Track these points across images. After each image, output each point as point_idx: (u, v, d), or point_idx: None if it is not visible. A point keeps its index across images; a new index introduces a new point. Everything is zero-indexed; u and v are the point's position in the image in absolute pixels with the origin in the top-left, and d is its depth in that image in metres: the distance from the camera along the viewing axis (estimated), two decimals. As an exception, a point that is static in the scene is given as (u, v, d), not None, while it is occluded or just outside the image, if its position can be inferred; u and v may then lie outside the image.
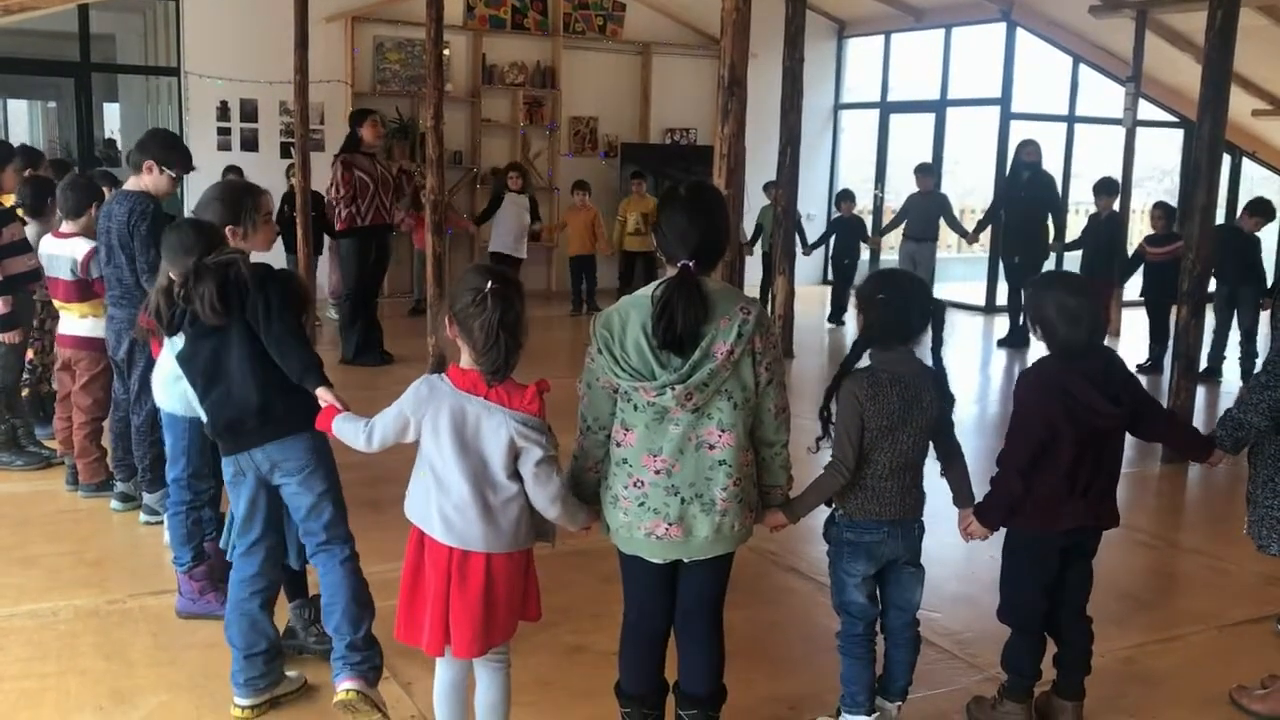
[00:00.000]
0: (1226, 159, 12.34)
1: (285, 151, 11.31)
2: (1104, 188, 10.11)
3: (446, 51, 11.51)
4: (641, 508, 2.78)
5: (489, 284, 2.64)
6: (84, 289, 5.14)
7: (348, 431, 2.91)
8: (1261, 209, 9.00)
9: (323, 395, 3.09)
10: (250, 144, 11.52)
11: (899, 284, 3.12)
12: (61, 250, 5.16)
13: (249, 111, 11.53)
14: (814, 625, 4.12)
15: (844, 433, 3.05)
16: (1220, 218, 7.99)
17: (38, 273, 5.50)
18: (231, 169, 10.00)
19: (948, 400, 3.12)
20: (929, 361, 3.14)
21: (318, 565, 3.33)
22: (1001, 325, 11.04)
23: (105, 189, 6.32)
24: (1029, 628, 3.38)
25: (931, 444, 3.17)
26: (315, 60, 10.19)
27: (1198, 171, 6.51)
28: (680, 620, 2.95)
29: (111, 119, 15.17)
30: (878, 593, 3.22)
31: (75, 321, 5.24)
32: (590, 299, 11.55)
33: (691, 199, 2.80)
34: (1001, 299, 11.61)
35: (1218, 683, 3.76)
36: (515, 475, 2.73)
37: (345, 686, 3.18)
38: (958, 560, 4.79)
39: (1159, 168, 15.57)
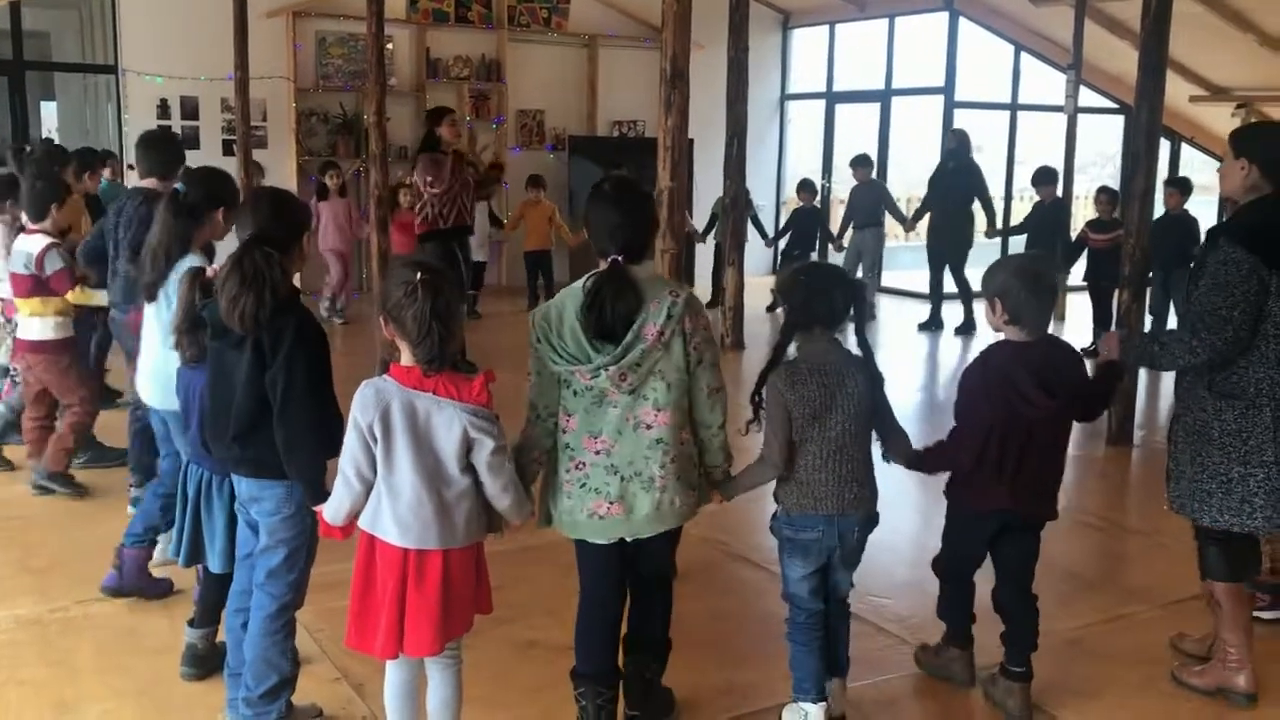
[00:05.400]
0: (1165, 145, 12.54)
1: (228, 149, 11.16)
2: (1042, 177, 10.21)
3: (389, 46, 11.46)
4: (583, 489, 2.89)
5: (418, 275, 2.66)
6: (37, 285, 5.06)
7: (332, 499, 2.79)
8: (1180, 184, 9.17)
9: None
10: (192, 142, 11.28)
11: (818, 268, 3.27)
12: (21, 245, 5.11)
13: (190, 109, 11.34)
14: (765, 614, 4.13)
15: (769, 425, 3.11)
16: (1159, 203, 8.10)
17: None
18: (186, 170, 9.82)
19: (877, 381, 3.16)
20: (855, 345, 3.18)
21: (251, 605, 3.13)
22: (952, 313, 11.01)
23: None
24: (953, 581, 3.54)
25: (874, 430, 3.20)
26: (256, 56, 10.05)
27: (1136, 157, 6.61)
28: (633, 592, 3.08)
29: (49, 118, 14.89)
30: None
31: (26, 322, 5.17)
32: (550, 295, 11.43)
33: (615, 194, 2.94)
34: (949, 286, 11.63)
35: (1163, 660, 3.83)
36: (467, 469, 2.74)
37: None
38: (908, 547, 4.84)
39: (1102, 153, 15.80)
